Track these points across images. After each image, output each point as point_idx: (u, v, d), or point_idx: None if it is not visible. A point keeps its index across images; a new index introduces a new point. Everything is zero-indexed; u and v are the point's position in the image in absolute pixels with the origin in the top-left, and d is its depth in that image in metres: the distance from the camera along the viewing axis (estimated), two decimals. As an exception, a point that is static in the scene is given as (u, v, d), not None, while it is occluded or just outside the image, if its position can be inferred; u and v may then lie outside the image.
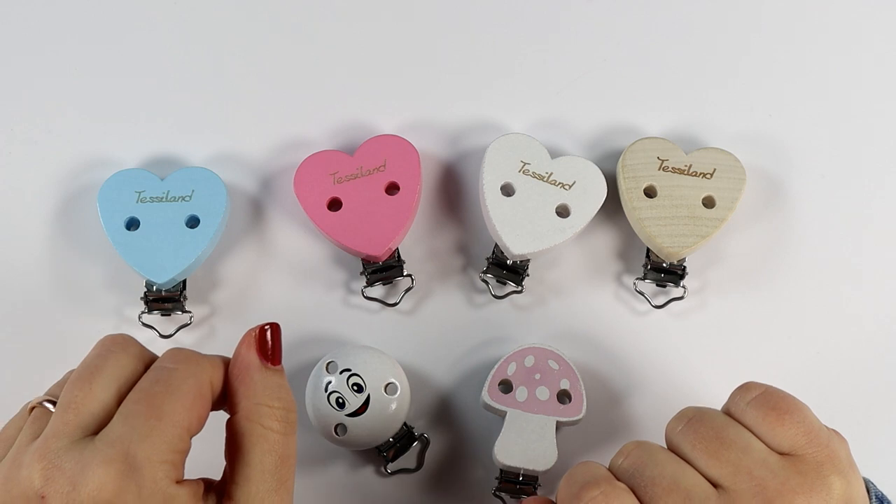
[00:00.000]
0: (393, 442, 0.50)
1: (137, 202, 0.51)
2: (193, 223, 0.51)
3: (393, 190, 0.52)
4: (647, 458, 0.39)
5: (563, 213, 0.52)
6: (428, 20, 0.57)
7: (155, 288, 0.51)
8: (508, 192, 0.52)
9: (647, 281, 0.53)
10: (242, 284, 0.53)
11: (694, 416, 0.40)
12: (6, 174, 0.54)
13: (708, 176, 0.52)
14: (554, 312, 0.53)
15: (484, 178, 0.52)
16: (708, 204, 0.52)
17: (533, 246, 0.51)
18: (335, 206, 0.52)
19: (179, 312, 0.51)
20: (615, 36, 0.57)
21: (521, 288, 0.52)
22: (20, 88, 0.56)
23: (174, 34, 0.56)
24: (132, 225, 0.51)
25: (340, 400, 0.48)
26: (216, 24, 0.57)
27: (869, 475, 0.41)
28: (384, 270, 0.52)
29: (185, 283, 0.51)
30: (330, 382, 0.49)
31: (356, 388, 0.49)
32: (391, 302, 0.53)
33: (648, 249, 0.52)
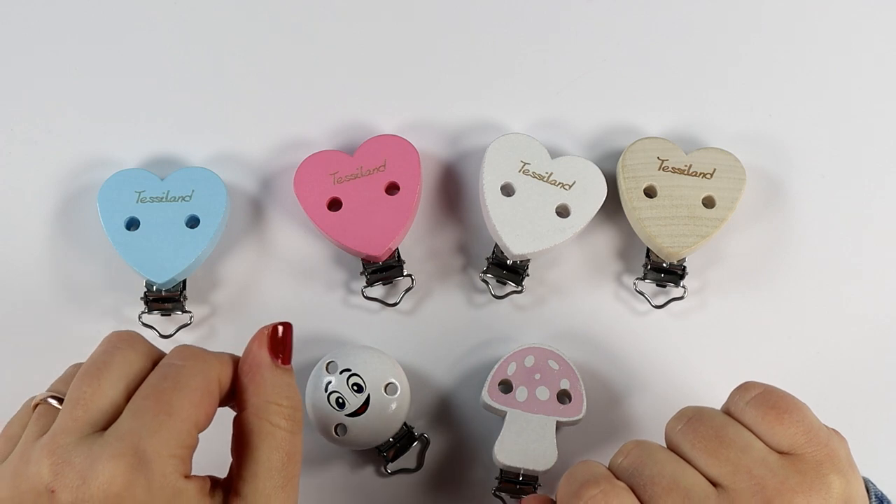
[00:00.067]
0: (393, 442, 0.50)
1: (137, 202, 0.51)
2: (193, 223, 0.51)
3: (393, 190, 0.52)
4: (646, 457, 0.39)
5: (563, 213, 0.52)
6: (428, 20, 0.57)
7: (155, 288, 0.51)
8: (508, 192, 0.52)
9: (647, 281, 0.52)
10: (242, 284, 0.53)
11: (693, 415, 0.40)
12: (6, 174, 0.54)
13: (708, 176, 0.52)
14: (554, 312, 0.53)
15: (484, 178, 0.52)
16: (708, 204, 0.52)
17: (533, 246, 0.51)
18: (335, 206, 0.52)
19: (179, 312, 0.51)
20: (615, 36, 0.57)
21: (521, 288, 0.52)
22: (20, 88, 0.56)
23: (174, 34, 0.56)
24: (132, 225, 0.51)
25: (340, 400, 0.48)
26: (216, 24, 0.57)
27: (868, 474, 0.41)
28: (384, 270, 0.52)
29: (185, 283, 0.51)
30: (330, 382, 0.49)
31: (356, 388, 0.49)
32: (391, 302, 0.53)
33: (648, 249, 0.52)
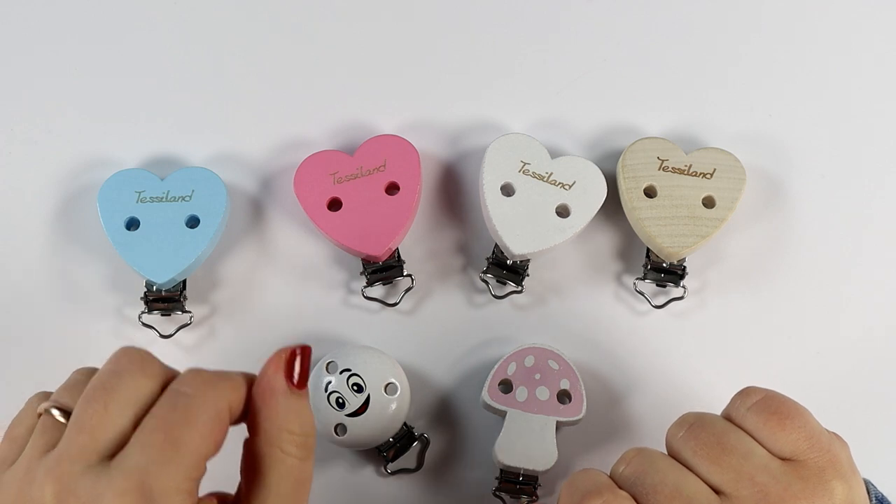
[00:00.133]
0: (393, 442, 0.50)
1: (137, 202, 0.51)
2: (193, 223, 0.51)
3: (393, 190, 0.52)
4: (648, 465, 0.39)
5: (563, 213, 0.52)
6: (428, 20, 0.57)
7: (155, 288, 0.51)
8: (508, 192, 0.52)
9: (647, 281, 0.52)
10: (242, 284, 0.53)
11: (695, 422, 0.40)
12: (6, 174, 0.54)
13: (708, 176, 0.52)
14: (554, 312, 0.53)
15: (484, 178, 0.52)
16: (708, 204, 0.52)
17: (533, 246, 0.51)
18: (335, 206, 0.52)
19: (179, 312, 0.51)
20: (615, 36, 0.57)
21: (521, 288, 0.52)
22: (20, 88, 0.56)
23: (174, 34, 0.56)
24: (132, 225, 0.51)
25: (340, 400, 0.48)
26: (216, 24, 0.57)
27: (869, 476, 0.41)
28: (384, 270, 0.52)
29: (185, 283, 0.51)
30: (330, 382, 0.49)
31: (356, 388, 0.49)
32: (391, 302, 0.53)
33: (648, 249, 0.52)
